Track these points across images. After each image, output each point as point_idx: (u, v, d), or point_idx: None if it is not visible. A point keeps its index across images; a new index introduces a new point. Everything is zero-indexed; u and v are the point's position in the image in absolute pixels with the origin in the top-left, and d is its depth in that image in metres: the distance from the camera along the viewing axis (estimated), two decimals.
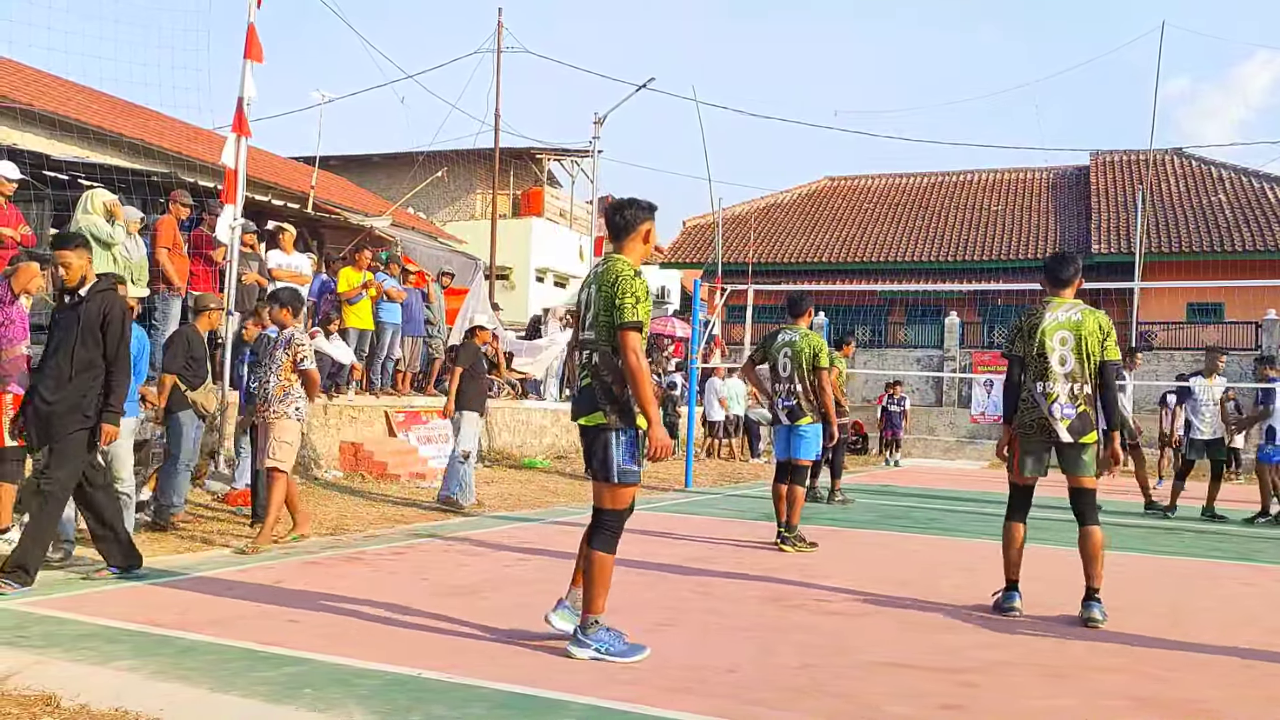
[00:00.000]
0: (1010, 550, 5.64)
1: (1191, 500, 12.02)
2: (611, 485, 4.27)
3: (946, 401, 25.58)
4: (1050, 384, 5.35)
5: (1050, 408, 5.34)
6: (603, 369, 4.24)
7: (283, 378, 7.02)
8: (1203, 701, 3.96)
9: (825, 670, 4.21)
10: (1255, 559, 8.38)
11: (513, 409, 15.54)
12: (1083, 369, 5.35)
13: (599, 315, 4.27)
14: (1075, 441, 5.36)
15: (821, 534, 8.89)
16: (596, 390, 4.25)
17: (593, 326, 4.32)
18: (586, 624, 4.26)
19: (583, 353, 4.42)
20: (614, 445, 4.22)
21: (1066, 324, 5.39)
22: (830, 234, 30.71)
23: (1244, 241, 24.91)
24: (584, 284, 4.52)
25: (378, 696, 3.60)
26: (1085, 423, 5.36)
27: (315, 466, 11.03)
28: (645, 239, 4.47)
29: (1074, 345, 5.35)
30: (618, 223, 4.45)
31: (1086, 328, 5.37)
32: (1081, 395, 5.35)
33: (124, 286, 7.37)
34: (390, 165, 30.49)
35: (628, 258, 4.38)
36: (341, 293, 11.89)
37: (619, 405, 4.22)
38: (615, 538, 4.32)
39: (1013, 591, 5.59)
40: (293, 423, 7.01)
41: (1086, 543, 5.37)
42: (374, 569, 6.27)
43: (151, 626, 4.51)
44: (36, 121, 15.45)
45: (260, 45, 9.48)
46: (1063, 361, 5.34)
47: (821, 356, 7.71)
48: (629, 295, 4.19)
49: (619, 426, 4.22)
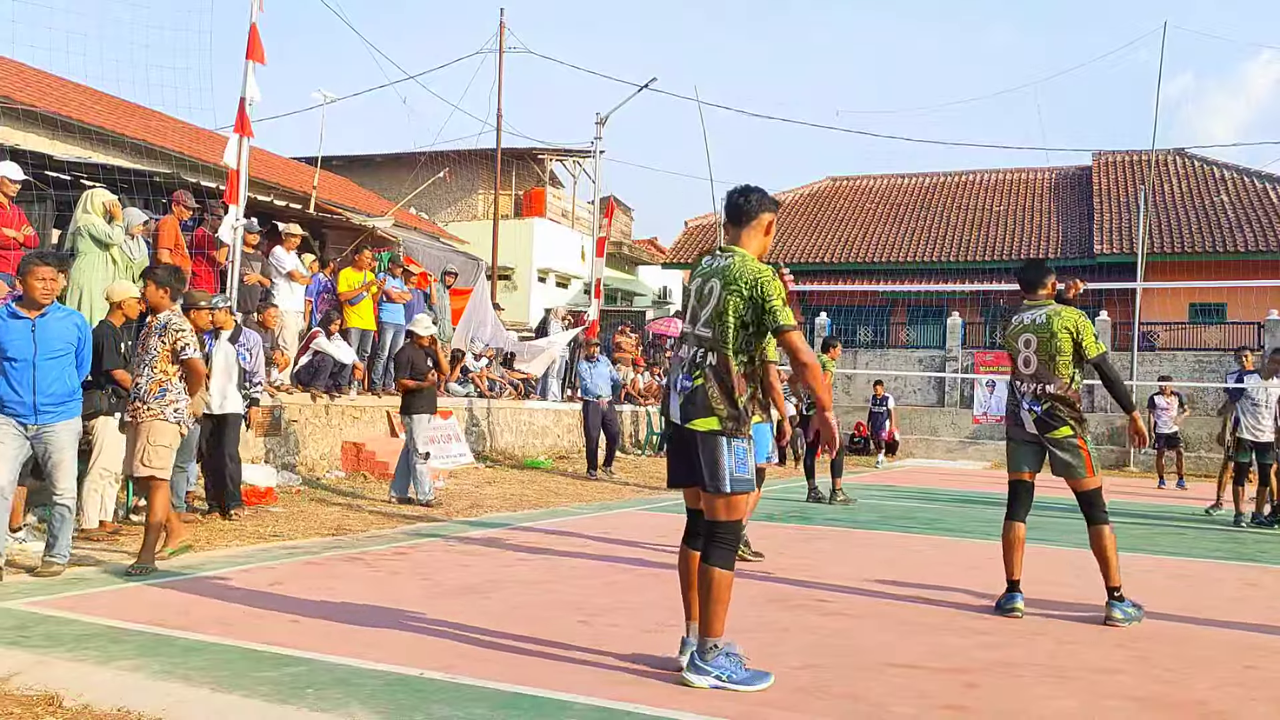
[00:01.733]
0: (1011, 551, 5.64)
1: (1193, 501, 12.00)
2: (724, 495, 3.94)
3: (949, 402, 25.56)
4: (1020, 383, 5.59)
5: (1021, 402, 5.57)
6: (721, 370, 3.91)
7: (158, 370, 6.10)
8: (1206, 703, 3.95)
9: (828, 670, 4.21)
10: (1259, 559, 8.37)
11: (514, 409, 15.54)
12: (1048, 369, 5.48)
13: (723, 313, 3.90)
14: (1043, 435, 5.49)
15: (823, 534, 8.89)
16: (712, 392, 3.91)
17: (709, 324, 3.95)
18: (705, 649, 3.91)
19: (694, 349, 4.02)
20: (726, 452, 3.91)
21: (1030, 326, 5.57)
22: (832, 234, 30.69)
23: (1246, 242, 24.88)
24: (696, 274, 4.13)
25: (380, 696, 3.60)
26: (1053, 418, 5.46)
27: (317, 467, 11.04)
28: (767, 231, 4.13)
29: (1037, 346, 5.52)
30: (741, 206, 4.10)
31: (1052, 328, 5.49)
32: (1046, 395, 5.47)
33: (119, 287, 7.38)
34: (392, 166, 30.50)
35: (749, 251, 4.04)
36: (341, 293, 11.90)
37: (735, 410, 3.92)
38: (733, 552, 4.00)
39: (1015, 593, 5.59)
40: (169, 425, 6.11)
41: (1095, 543, 5.44)
42: (376, 569, 6.27)
43: (154, 626, 4.51)
44: (39, 122, 15.46)
45: (262, 46, 9.49)
46: (1026, 363, 5.53)
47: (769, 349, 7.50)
48: (775, 297, 3.87)
49: (733, 432, 3.92)
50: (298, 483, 10.09)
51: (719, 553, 3.94)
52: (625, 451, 17.86)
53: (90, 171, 11.47)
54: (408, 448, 9.78)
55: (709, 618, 3.92)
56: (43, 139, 15.42)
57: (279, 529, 7.70)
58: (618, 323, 24.16)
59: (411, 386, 9.81)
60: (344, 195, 23.96)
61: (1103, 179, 29.42)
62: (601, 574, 6.40)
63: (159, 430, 6.07)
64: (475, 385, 14.88)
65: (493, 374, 15.72)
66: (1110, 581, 5.39)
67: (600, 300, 18.08)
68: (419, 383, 9.79)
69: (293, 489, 9.77)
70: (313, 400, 11.08)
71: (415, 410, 9.73)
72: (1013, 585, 5.62)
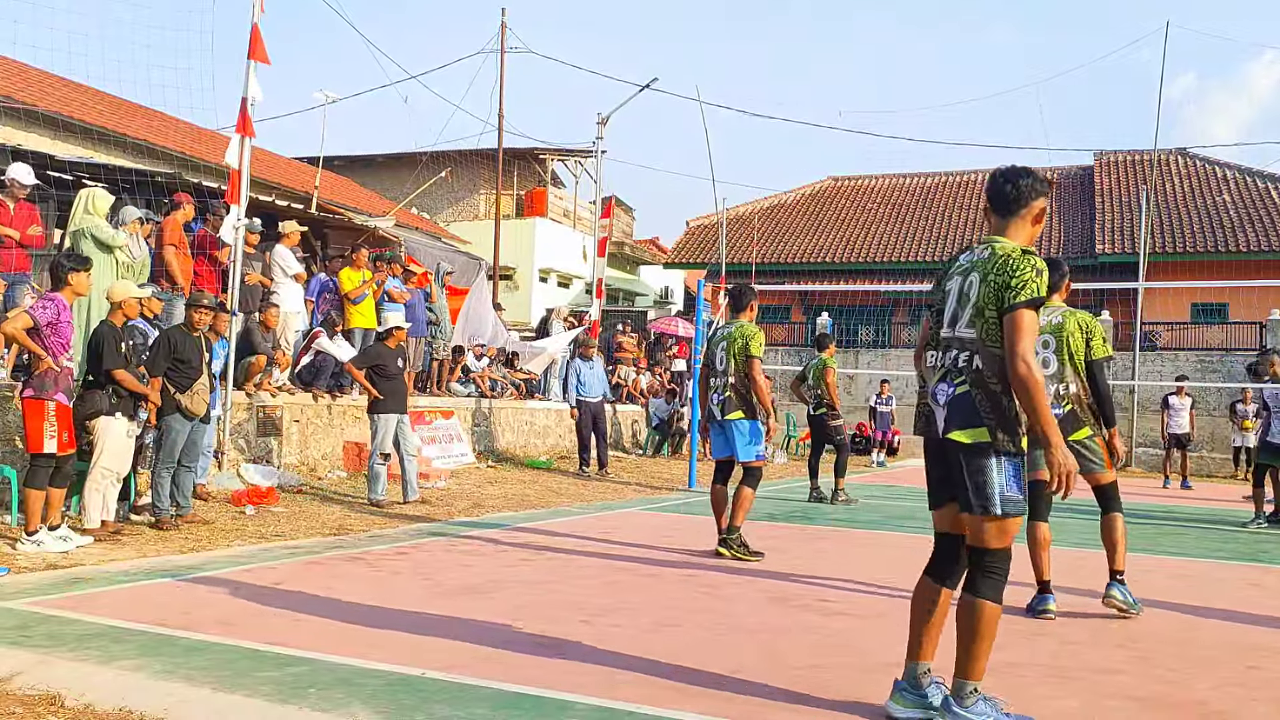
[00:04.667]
0: (1037, 551, 5.61)
1: (1196, 501, 11.98)
2: (994, 518, 3.44)
3: None
4: None
5: None
6: (989, 375, 3.44)
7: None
8: (1207, 703, 3.95)
9: (831, 671, 4.21)
10: (1261, 559, 8.36)
11: (516, 409, 15.54)
12: (1068, 369, 5.48)
13: (983, 309, 3.44)
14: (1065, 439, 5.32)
15: (825, 534, 8.89)
16: (980, 400, 3.45)
17: (972, 324, 3.48)
18: (963, 693, 3.46)
19: (952, 354, 3.55)
20: (995, 468, 3.43)
21: (1046, 328, 5.52)
22: (834, 234, 30.69)
23: (1248, 241, 24.86)
24: (951, 273, 3.64)
25: (382, 696, 3.60)
26: (1073, 419, 5.47)
27: (319, 467, 11.04)
28: (1037, 219, 3.61)
29: (1055, 348, 5.51)
30: (1007, 193, 3.59)
31: (1067, 329, 5.50)
32: (1067, 395, 5.47)
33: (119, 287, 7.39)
34: (394, 166, 30.53)
35: (1017, 242, 3.54)
36: (346, 293, 11.89)
37: (1005, 419, 3.44)
38: (1003, 582, 3.49)
39: (1046, 594, 5.56)
40: None
41: (1106, 529, 5.59)
42: (377, 569, 6.27)
43: (156, 626, 4.51)
44: (41, 122, 15.49)
45: (264, 46, 9.49)
46: (1045, 364, 5.46)
47: (752, 345, 7.25)
48: (1027, 269, 3.38)
49: (1004, 445, 3.43)
50: (299, 482, 10.09)
51: (988, 584, 3.47)
52: (626, 452, 17.86)
53: (92, 171, 11.48)
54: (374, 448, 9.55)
55: (970, 657, 3.49)
56: (44, 139, 15.44)
57: (280, 529, 7.70)
58: (619, 322, 24.17)
59: (361, 382, 9.51)
60: (345, 195, 23.99)
61: (1105, 179, 29.41)
62: (603, 574, 6.40)
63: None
64: (477, 385, 14.88)
65: (494, 374, 15.73)
66: (1114, 565, 5.52)
67: (602, 300, 18.07)
68: (372, 385, 9.41)
69: (294, 489, 9.77)
70: (314, 400, 11.08)
71: (381, 410, 9.46)
72: (1044, 586, 5.57)
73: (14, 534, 6.56)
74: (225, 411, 9.31)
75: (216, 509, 8.38)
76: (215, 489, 9.03)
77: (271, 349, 10.51)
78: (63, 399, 6.47)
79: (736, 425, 7.27)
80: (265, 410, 10.36)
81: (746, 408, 7.25)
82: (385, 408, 9.48)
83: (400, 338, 9.89)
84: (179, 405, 7.44)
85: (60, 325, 6.52)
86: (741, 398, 7.26)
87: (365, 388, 9.60)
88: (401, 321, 10.07)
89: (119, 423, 7.04)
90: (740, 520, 7.16)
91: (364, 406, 10.04)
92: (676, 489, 12.80)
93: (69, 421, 6.57)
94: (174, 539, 7.00)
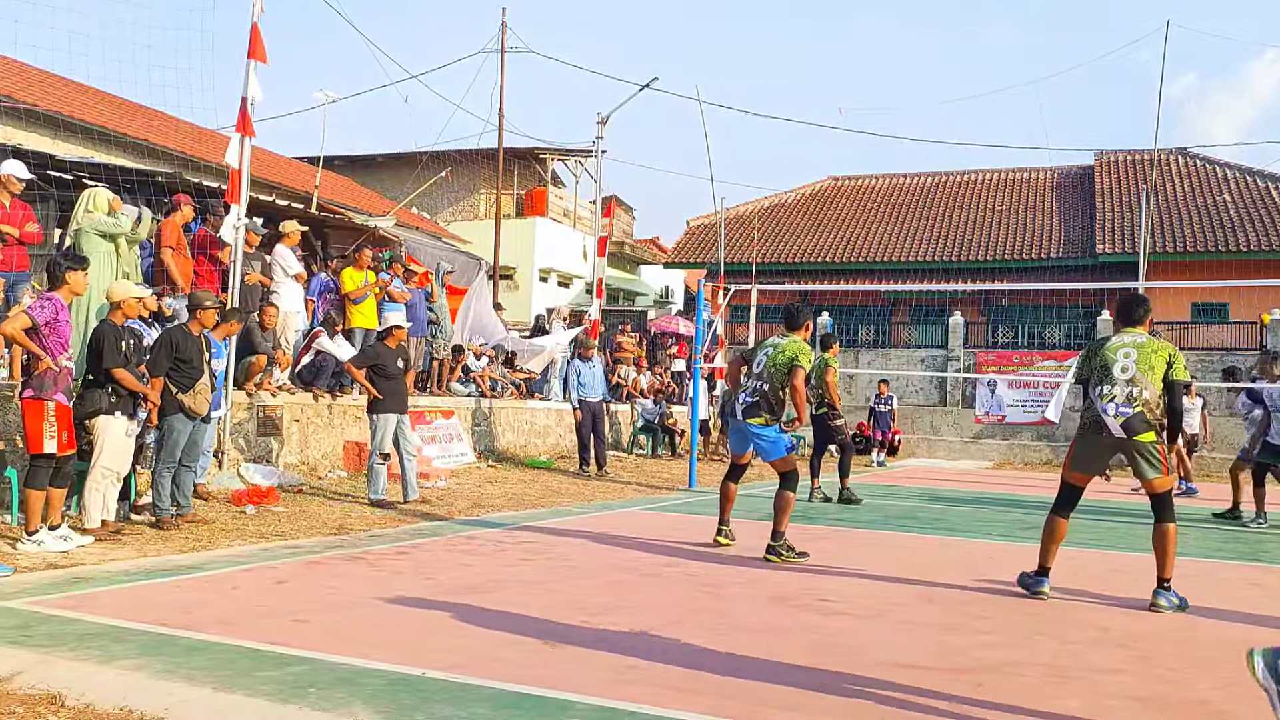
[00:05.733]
0: (1050, 543, 6.04)
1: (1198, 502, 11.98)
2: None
3: (950, 402, 25.54)
4: (1108, 387, 5.81)
5: (1104, 406, 5.78)
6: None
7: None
8: (1208, 702, 3.95)
9: (831, 670, 4.20)
10: (1262, 559, 8.36)
11: (516, 409, 15.55)
12: (1145, 377, 5.76)
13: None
14: (1130, 439, 5.73)
15: (825, 534, 8.88)
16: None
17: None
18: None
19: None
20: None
21: (1131, 344, 5.91)
22: (834, 234, 30.67)
23: (1249, 241, 24.86)
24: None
25: (382, 696, 3.60)
26: (1140, 422, 5.72)
27: (319, 466, 11.04)
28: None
29: (1136, 358, 5.80)
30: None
31: (1150, 347, 5.86)
32: (1140, 399, 5.73)
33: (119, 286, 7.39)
34: (394, 165, 30.53)
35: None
36: (347, 293, 11.89)
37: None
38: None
39: (1043, 577, 6.02)
40: None
41: (1159, 537, 5.80)
42: (378, 569, 6.27)
43: (156, 626, 4.51)
44: (41, 121, 15.50)
45: (264, 45, 9.48)
46: (1124, 370, 5.81)
47: (801, 357, 7.31)
48: None
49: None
50: (299, 482, 10.09)
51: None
52: (627, 452, 17.86)
53: (92, 171, 11.47)
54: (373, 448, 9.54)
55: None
56: (45, 138, 15.45)
57: (281, 528, 7.70)
58: (619, 322, 24.17)
59: (361, 381, 9.51)
60: (346, 195, 23.99)
61: (1105, 178, 29.40)
62: (603, 573, 6.40)
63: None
64: (477, 385, 14.88)
65: (494, 373, 15.73)
66: (1163, 573, 5.77)
67: (602, 300, 18.08)
68: (371, 385, 9.40)
69: (294, 489, 9.77)
70: (314, 400, 11.08)
71: (381, 410, 9.44)
72: (1043, 570, 6.04)
73: (14, 534, 6.56)
74: (225, 411, 9.31)
75: (217, 509, 8.39)
76: (215, 489, 9.03)
77: (272, 349, 10.51)
78: (62, 399, 6.47)
79: (757, 431, 7.32)
80: (265, 410, 10.36)
81: (770, 415, 7.30)
82: (385, 407, 9.46)
83: (400, 337, 9.85)
84: (182, 405, 7.44)
85: (59, 325, 6.52)
86: (769, 405, 7.30)
87: (365, 387, 9.59)
88: (401, 321, 10.04)
89: (118, 422, 7.04)
90: (783, 525, 7.18)
91: (364, 406, 10.03)
92: (677, 489, 12.80)
93: (69, 421, 6.57)
94: (174, 539, 7.01)
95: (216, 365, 8.20)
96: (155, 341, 7.69)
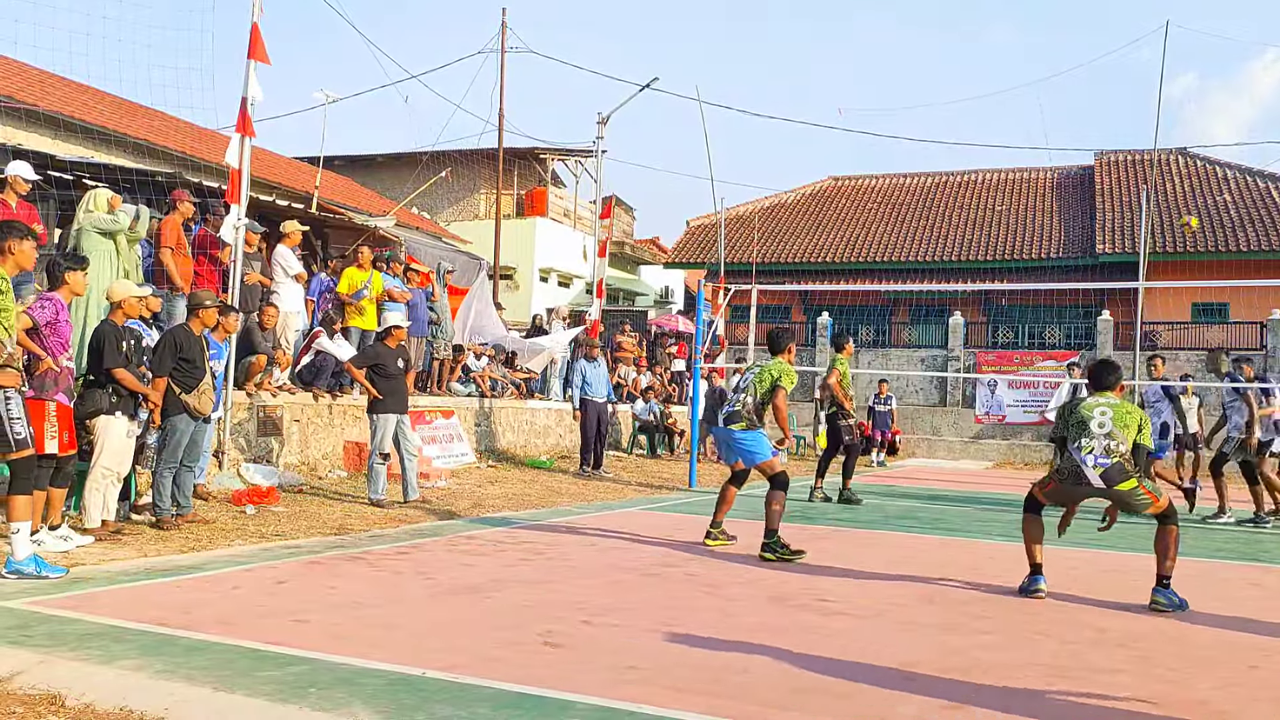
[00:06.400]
0: (1031, 541, 6.18)
1: (1200, 501, 11.97)
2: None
3: (950, 402, 25.54)
4: (1086, 439, 6.00)
5: (1084, 458, 5.98)
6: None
7: None
8: (1208, 703, 3.95)
9: (830, 670, 4.21)
10: (1261, 559, 8.37)
11: (516, 409, 15.55)
12: (1122, 433, 5.97)
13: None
14: (1110, 489, 5.93)
15: (825, 534, 8.89)
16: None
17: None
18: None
19: None
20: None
21: (1106, 404, 6.13)
22: (834, 234, 30.67)
23: (1249, 241, 24.85)
24: None
25: (383, 696, 3.60)
26: (1119, 472, 5.92)
27: (319, 466, 11.05)
28: None
29: (1112, 416, 6.05)
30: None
31: (1124, 409, 6.10)
32: (1117, 451, 5.94)
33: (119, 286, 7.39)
34: (394, 165, 30.52)
35: None
36: (341, 293, 11.87)
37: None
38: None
39: (1037, 575, 6.12)
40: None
41: (1160, 537, 5.94)
42: (378, 569, 6.27)
43: (156, 626, 4.51)
44: (41, 121, 15.50)
45: (264, 46, 9.48)
46: (1101, 426, 6.00)
47: (784, 379, 7.57)
48: None
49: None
50: (299, 482, 10.09)
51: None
52: (627, 452, 17.86)
53: (93, 171, 11.48)
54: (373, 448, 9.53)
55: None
56: (45, 139, 15.45)
57: (281, 528, 7.70)
58: (619, 322, 24.16)
59: (361, 381, 9.52)
60: (346, 195, 23.98)
61: (1105, 178, 29.39)
62: (604, 573, 6.40)
63: None
64: (477, 385, 14.88)
65: (494, 373, 15.73)
66: (1162, 570, 5.89)
67: (602, 300, 18.08)
68: (372, 385, 9.38)
69: (294, 489, 9.77)
70: (314, 400, 11.09)
71: (381, 410, 9.43)
72: (1036, 569, 6.13)
73: None
74: (225, 411, 9.31)
75: (217, 509, 8.39)
76: (216, 489, 9.03)
77: (272, 349, 10.51)
78: (63, 399, 6.47)
79: (739, 436, 7.49)
80: (265, 410, 10.36)
81: (750, 423, 7.50)
82: (385, 407, 9.45)
83: (400, 337, 9.84)
84: (185, 406, 7.44)
85: (59, 325, 6.52)
86: (749, 416, 7.52)
87: (365, 387, 9.58)
88: (400, 321, 10.04)
89: (119, 422, 7.03)
90: (775, 524, 7.27)
91: (364, 406, 10.02)
92: (677, 489, 12.80)
93: (69, 422, 6.56)
94: (174, 539, 7.00)
95: (216, 366, 8.20)
96: (159, 341, 7.68)
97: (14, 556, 5.49)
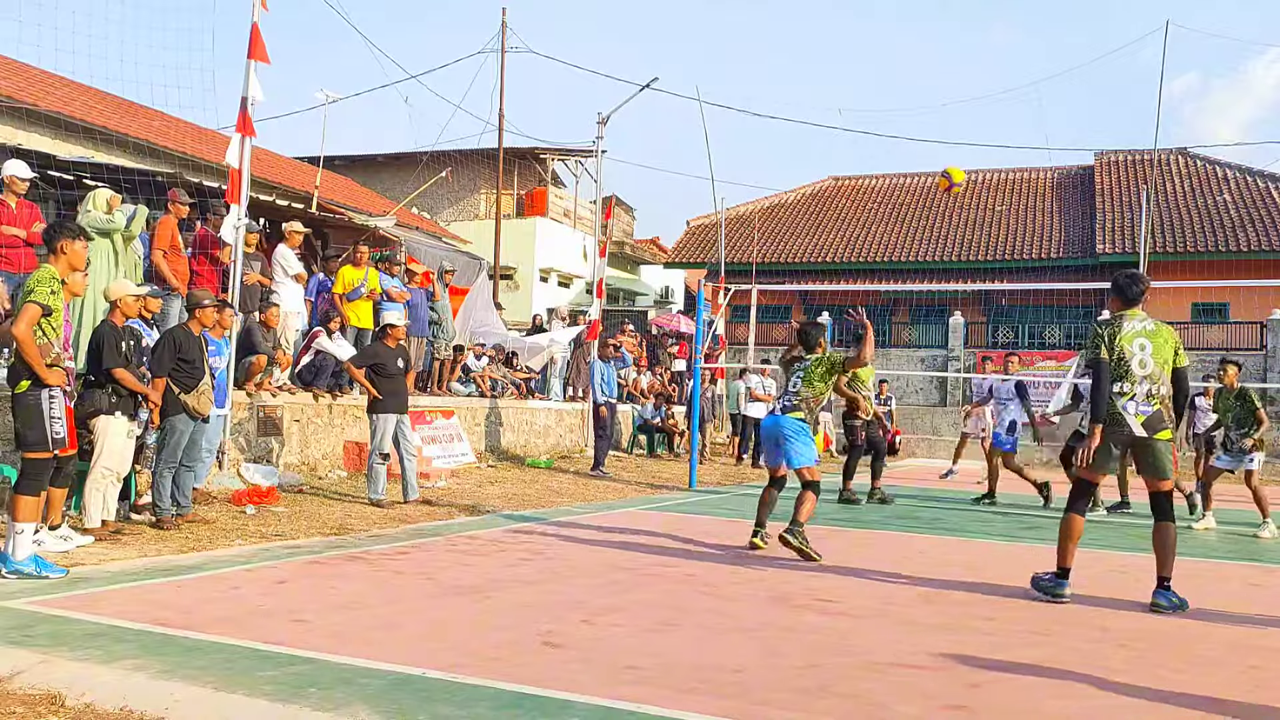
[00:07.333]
0: (1067, 541, 5.98)
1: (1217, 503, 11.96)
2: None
3: (951, 401, 25.54)
4: (1127, 384, 5.84)
5: (1125, 405, 5.82)
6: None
7: None
8: (1210, 703, 3.95)
9: (831, 670, 4.21)
10: (1262, 559, 8.36)
11: (516, 409, 15.54)
12: (1162, 371, 5.85)
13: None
14: (1149, 437, 5.81)
15: (827, 534, 8.88)
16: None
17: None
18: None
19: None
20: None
21: (1144, 332, 5.92)
22: (834, 234, 30.68)
23: (1249, 241, 24.86)
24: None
25: (383, 696, 3.60)
26: (1159, 420, 5.82)
27: (319, 466, 11.05)
28: None
29: (1153, 351, 5.86)
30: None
31: (1161, 336, 5.92)
32: (1158, 395, 5.83)
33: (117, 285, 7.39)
34: (394, 165, 30.53)
35: None
36: (336, 293, 11.85)
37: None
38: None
39: (1063, 579, 5.95)
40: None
41: (1159, 537, 5.84)
42: (378, 569, 6.27)
43: (157, 626, 4.51)
44: (41, 121, 15.50)
45: (265, 45, 9.48)
46: (1142, 364, 5.84)
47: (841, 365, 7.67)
48: None
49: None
50: (299, 482, 10.09)
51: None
52: (628, 452, 17.86)
53: (93, 171, 11.49)
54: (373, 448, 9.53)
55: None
56: (45, 138, 15.45)
57: (281, 528, 7.70)
58: (620, 322, 24.16)
59: (360, 381, 9.52)
60: (346, 195, 23.98)
61: (1105, 178, 29.40)
62: (603, 573, 6.40)
63: None
64: (477, 385, 14.88)
65: (495, 373, 15.73)
66: (1163, 572, 5.81)
67: (602, 300, 18.08)
68: (372, 385, 9.39)
69: (294, 488, 9.77)
70: (314, 400, 11.08)
71: (380, 410, 9.42)
72: (1064, 572, 5.96)
73: None
74: (228, 410, 9.30)
75: (217, 508, 8.39)
76: (216, 488, 9.03)
77: (272, 349, 10.51)
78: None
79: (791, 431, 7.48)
80: (265, 410, 10.36)
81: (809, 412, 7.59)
82: (385, 407, 9.45)
83: (398, 336, 9.83)
84: (185, 406, 7.44)
85: None
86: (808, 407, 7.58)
87: (365, 387, 9.58)
88: (398, 320, 10.02)
89: (119, 422, 7.03)
90: (803, 517, 7.30)
91: (364, 406, 10.02)
92: (677, 489, 12.79)
93: (69, 422, 6.56)
94: (174, 539, 7.00)
95: (217, 363, 8.20)
96: (158, 341, 7.68)
97: (14, 557, 5.49)
